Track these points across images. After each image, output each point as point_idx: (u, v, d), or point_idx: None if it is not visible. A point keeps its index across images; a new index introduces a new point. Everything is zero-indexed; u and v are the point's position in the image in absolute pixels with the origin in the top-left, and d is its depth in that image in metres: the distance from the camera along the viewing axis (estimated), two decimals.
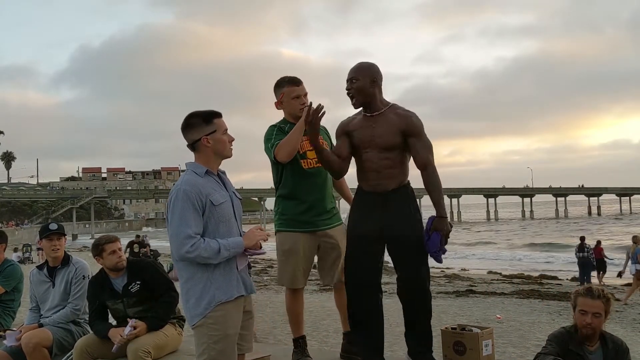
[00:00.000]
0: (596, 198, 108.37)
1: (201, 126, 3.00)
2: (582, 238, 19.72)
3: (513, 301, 13.99)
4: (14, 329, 4.84)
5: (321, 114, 3.62)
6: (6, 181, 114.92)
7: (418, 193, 3.96)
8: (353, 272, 3.71)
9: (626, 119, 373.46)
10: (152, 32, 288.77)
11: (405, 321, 3.73)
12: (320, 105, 3.63)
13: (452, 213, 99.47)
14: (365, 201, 3.74)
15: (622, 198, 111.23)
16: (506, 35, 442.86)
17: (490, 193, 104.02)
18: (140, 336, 3.97)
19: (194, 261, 2.89)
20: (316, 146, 3.66)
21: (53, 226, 4.68)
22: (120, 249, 4.24)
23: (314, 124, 3.60)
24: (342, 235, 3.96)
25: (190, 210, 2.89)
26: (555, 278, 20.80)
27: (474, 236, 56.93)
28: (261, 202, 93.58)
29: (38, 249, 27.26)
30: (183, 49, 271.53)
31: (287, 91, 3.96)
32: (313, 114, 3.60)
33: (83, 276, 4.58)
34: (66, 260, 4.65)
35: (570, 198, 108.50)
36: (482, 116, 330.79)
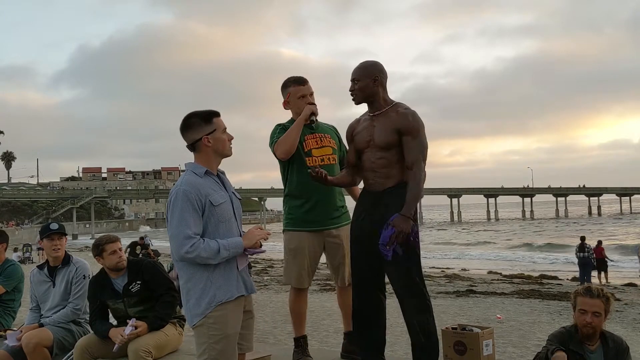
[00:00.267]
0: (596, 198, 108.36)
1: (201, 126, 3.00)
2: (583, 238, 19.75)
3: (513, 301, 13.98)
4: (15, 329, 4.84)
5: (323, 175, 3.62)
6: (6, 181, 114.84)
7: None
8: (354, 271, 3.72)
9: (626, 119, 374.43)
10: (152, 32, 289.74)
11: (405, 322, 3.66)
12: (318, 171, 3.60)
13: (453, 213, 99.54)
14: (362, 200, 3.74)
15: (623, 198, 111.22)
16: (506, 35, 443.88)
17: (490, 193, 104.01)
18: (141, 336, 3.97)
19: (194, 261, 2.89)
20: (330, 183, 3.71)
21: (54, 226, 4.69)
22: (120, 249, 4.24)
23: (320, 182, 3.64)
24: (349, 234, 3.94)
25: (189, 210, 2.88)
26: (555, 278, 20.77)
27: (474, 236, 56.94)
28: (261, 202, 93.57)
29: (38, 249, 27.28)
30: (182, 49, 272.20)
31: (293, 91, 3.99)
32: (316, 178, 3.61)
33: (83, 276, 4.58)
34: (67, 260, 4.65)
35: (570, 198, 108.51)
36: (482, 116, 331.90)
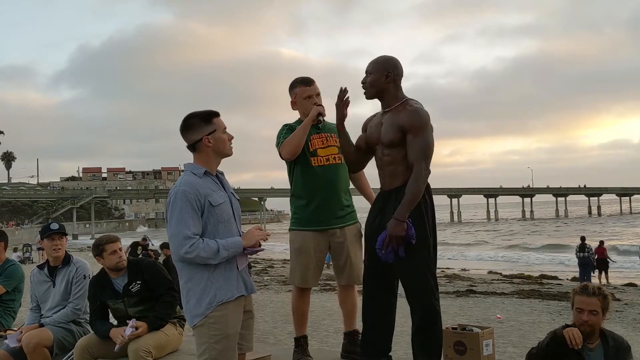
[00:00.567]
0: (596, 198, 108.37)
1: (201, 126, 3.00)
2: (583, 238, 19.77)
3: (513, 301, 13.99)
4: (15, 329, 4.84)
5: (346, 99, 3.62)
6: (6, 181, 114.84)
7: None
8: (365, 270, 3.71)
9: (626, 119, 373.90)
10: (152, 32, 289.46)
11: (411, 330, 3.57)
12: (342, 88, 3.62)
13: (453, 213, 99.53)
14: (376, 200, 3.71)
15: (623, 198, 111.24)
16: (506, 35, 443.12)
17: (490, 193, 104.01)
18: (141, 336, 3.97)
19: (193, 261, 2.89)
20: (339, 130, 3.70)
21: (54, 226, 4.69)
22: (120, 249, 4.24)
23: (339, 109, 3.64)
24: (354, 234, 3.93)
25: (188, 211, 2.89)
26: (555, 278, 20.77)
27: (474, 236, 56.93)
28: (261, 202, 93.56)
29: (38, 249, 27.26)
30: (182, 49, 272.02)
31: (299, 91, 3.99)
32: (339, 98, 3.62)
33: (84, 276, 4.58)
34: (67, 260, 4.64)
35: (570, 198, 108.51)
36: (482, 116, 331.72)
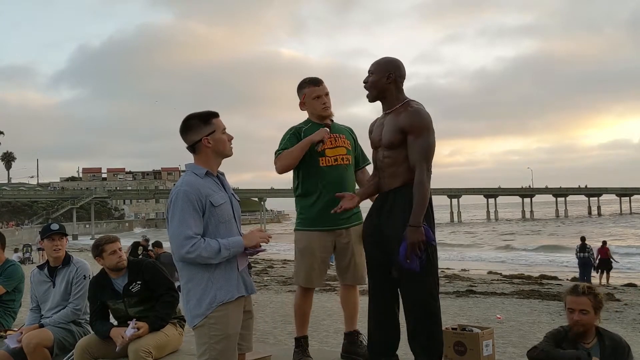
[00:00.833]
0: (596, 198, 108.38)
1: (200, 127, 3.00)
2: (583, 238, 19.76)
3: (513, 301, 13.98)
4: (15, 329, 4.84)
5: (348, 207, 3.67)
6: (6, 181, 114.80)
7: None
8: (367, 270, 3.72)
9: (626, 119, 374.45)
10: (152, 32, 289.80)
11: (407, 330, 3.56)
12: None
13: (452, 213, 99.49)
14: (375, 201, 3.72)
15: (622, 198, 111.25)
16: (506, 35, 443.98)
17: (490, 193, 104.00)
18: (142, 337, 3.97)
19: (195, 261, 2.89)
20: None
21: (55, 226, 4.69)
22: (120, 249, 4.24)
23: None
24: (359, 235, 3.93)
25: (190, 210, 2.89)
26: (555, 278, 20.74)
27: (474, 236, 56.92)
28: (261, 203, 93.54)
29: (38, 249, 27.26)
30: (182, 49, 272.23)
31: (308, 92, 4.00)
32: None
33: (84, 276, 4.58)
34: (67, 260, 4.65)
35: (570, 198, 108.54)
36: (482, 116, 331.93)
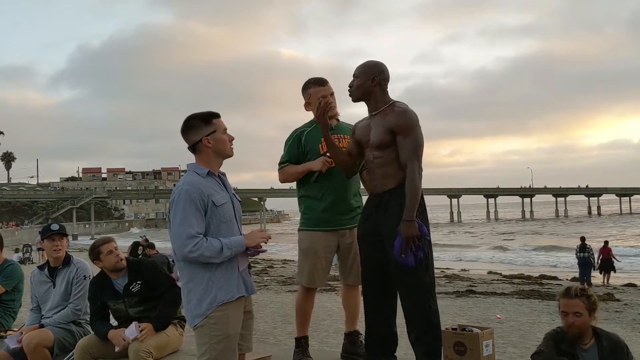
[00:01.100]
0: (596, 198, 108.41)
1: (201, 127, 3.02)
2: (583, 238, 19.76)
3: (513, 301, 13.98)
4: (15, 330, 4.84)
5: (324, 105, 3.78)
6: (6, 181, 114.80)
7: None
8: (362, 271, 3.72)
9: (626, 119, 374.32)
10: (152, 32, 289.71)
11: (406, 329, 3.58)
12: (322, 101, 3.79)
13: (452, 213, 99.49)
14: (367, 203, 3.74)
15: (622, 198, 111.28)
16: (506, 35, 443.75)
17: (490, 193, 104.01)
18: (145, 339, 3.96)
19: (197, 261, 2.90)
20: (327, 142, 3.79)
21: (55, 227, 4.69)
22: (116, 249, 4.25)
23: (322, 120, 3.77)
24: None
25: (192, 210, 2.90)
26: (555, 278, 20.76)
27: (474, 236, 56.93)
28: (261, 203, 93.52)
29: (38, 249, 27.25)
30: (182, 49, 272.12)
31: (313, 92, 4.02)
32: (321, 110, 3.77)
33: (84, 276, 4.58)
34: (67, 260, 4.65)
35: (570, 198, 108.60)
36: (482, 116, 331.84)
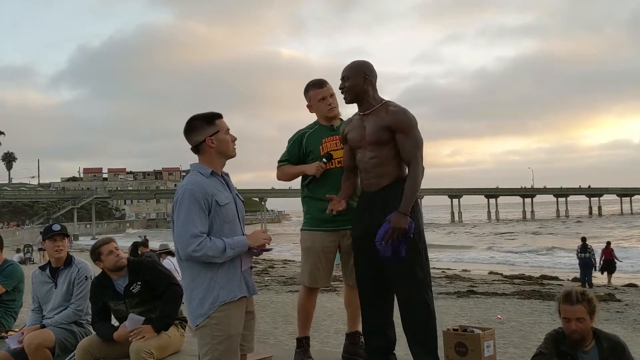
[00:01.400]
0: (597, 198, 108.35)
1: (204, 128, 3.03)
2: (584, 239, 19.76)
3: (514, 302, 13.98)
4: (16, 330, 4.85)
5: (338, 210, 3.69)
6: (7, 182, 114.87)
7: (418, 193, 3.85)
8: (357, 272, 3.72)
9: (626, 119, 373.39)
10: (152, 32, 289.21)
11: (405, 333, 3.59)
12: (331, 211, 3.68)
13: (453, 213, 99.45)
14: (360, 202, 3.74)
15: (623, 198, 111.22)
16: (506, 35, 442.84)
17: (491, 193, 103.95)
18: (146, 339, 3.97)
19: (200, 260, 2.91)
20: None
21: (56, 227, 4.69)
22: (117, 249, 4.26)
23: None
24: None
25: (196, 209, 2.91)
26: (556, 278, 20.77)
27: (475, 237, 56.93)
28: (262, 203, 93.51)
29: (39, 249, 27.26)
30: (182, 49, 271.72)
31: (313, 94, 4.04)
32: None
33: (85, 277, 4.58)
34: (69, 261, 4.65)
35: (570, 198, 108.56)
36: (482, 116, 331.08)
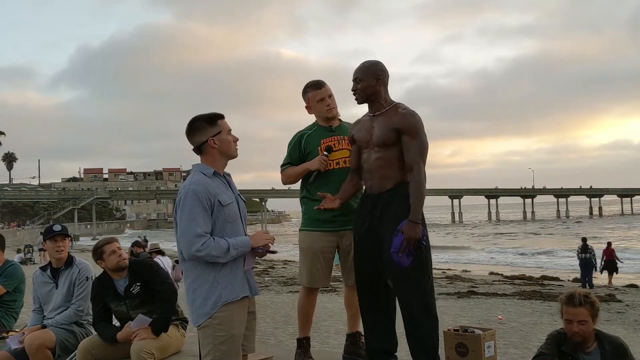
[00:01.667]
0: (597, 199, 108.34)
1: (206, 128, 3.04)
2: (584, 239, 19.77)
3: (514, 302, 13.99)
4: (17, 330, 4.85)
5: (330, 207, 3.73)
6: (8, 182, 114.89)
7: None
8: (356, 274, 3.72)
9: (627, 119, 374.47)
10: (151, 33, 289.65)
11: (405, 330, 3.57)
12: (322, 207, 3.73)
13: (454, 214, 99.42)
14: (362, 204, 3.73)
15: (624, 199, 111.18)
16: (506, 35, 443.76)
17: (491, 194, 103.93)
18: (145, 339, 3.97)
19: (203, 260, 2.91)
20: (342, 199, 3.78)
21: (57, 227, 4.69)
22: (119, 249, 4.26)
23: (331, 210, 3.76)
24: None
25: (199, 209, 2.91)
26: (556, 279, 20.74)
27: (476, 237, 56.91)
28: (262, 203, 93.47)
29: (40, 250, 27.26)
30: (182, 49, 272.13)
31: (312, 95, 4.04)
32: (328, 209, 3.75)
33: (86, 277, 4.58)
34: (69, 261, 4.65)
35: (571, 199, 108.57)
36: (483, 116, 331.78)
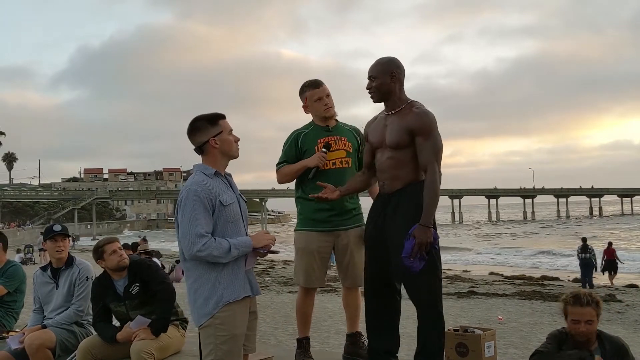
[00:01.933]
0: (597, 199, 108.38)
1: (207, 128, 3.04)
2: (584, 239, 19.78)
3: (514, 302, 13.97)
4: (17, 330, 4.85)
5: (325, 197, 3.74)
6: (8, 182, 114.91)
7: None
8: (366, 274, 3.70)
9: (627, 120, 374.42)
10: (151, 33, 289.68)
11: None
12: (317, 196, 3.76)
13: (454, 214, 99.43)
14: (374, 204, 3.72)
15: (624, 199, 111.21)
16: (506, 35, 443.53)
17: (492, 194, 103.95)
18: (145, 340, 3.97)
19: (205, 260, 2.91)
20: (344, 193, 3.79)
21: (57, 227, 4.69)
22: (120, 248, 4.26)
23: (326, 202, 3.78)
24: (358, 237, 3.94)
25: (201, 209, 2.92)
26: (556, 279, 20.74)
27: (476, 237, 56.91)
28: (262, 203, 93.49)
29: (40, 250, 27.27)
30: (182, 49, 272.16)
31: (309, 95, 4.04)
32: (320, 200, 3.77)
33: (87, 277, 4.59)
34: (70, 261, 4.65)
35: (571, 199, 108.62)
36: (483, 116, 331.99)
